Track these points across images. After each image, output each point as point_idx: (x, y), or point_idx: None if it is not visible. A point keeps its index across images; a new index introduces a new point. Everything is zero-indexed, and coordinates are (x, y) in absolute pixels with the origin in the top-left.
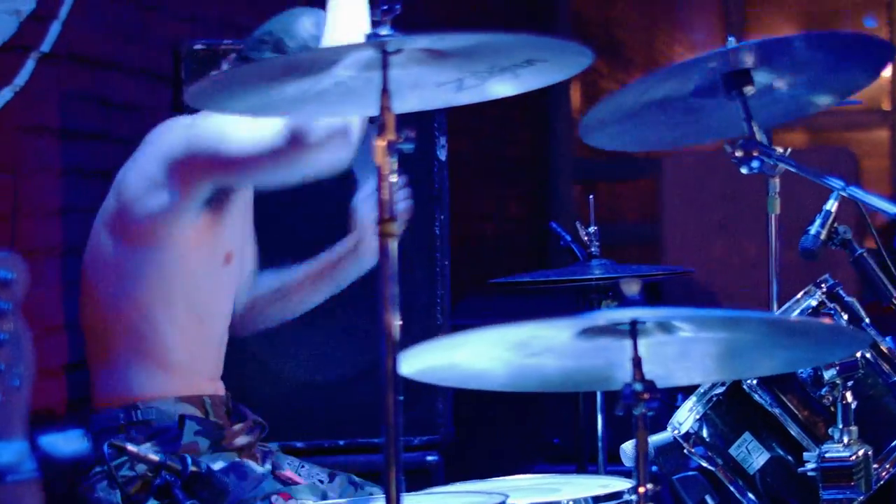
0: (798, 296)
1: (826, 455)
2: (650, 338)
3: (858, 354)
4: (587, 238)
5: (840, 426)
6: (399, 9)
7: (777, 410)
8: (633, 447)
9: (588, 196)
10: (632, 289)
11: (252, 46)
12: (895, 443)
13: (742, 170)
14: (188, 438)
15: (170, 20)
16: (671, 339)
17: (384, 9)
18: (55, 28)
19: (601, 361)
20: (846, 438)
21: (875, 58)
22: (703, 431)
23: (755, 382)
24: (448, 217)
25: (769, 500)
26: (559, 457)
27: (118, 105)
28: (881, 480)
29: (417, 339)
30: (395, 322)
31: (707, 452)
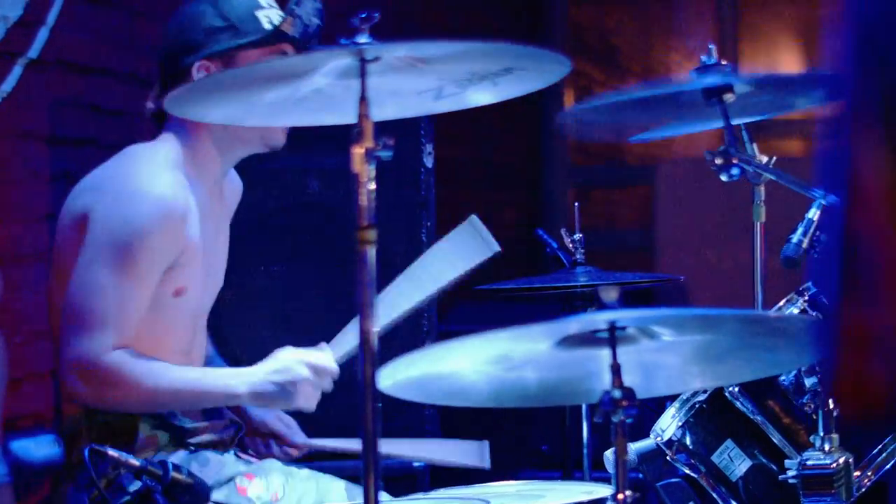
0: (780, 303)
1: (807, 462)
2: (630, 346)
3: None
4: (572, 245)
5: (821, 434)
6: (377, 17)
7: (759, 418)
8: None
9: (575, 203)
10: (610, 296)
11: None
12: (876, 451)
13: (722, 177)
14: (147, 432)
15: (158, 26)
16: (651, 347)
17: (363, 16)
18: (43, 34)
19: (582, 373)
20: (827, 446)
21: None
22: (686, 438)
23: (737, 390)
24: (435, 223)
25: None
26: (546, 464)
27: (106, 111)
28: (862, 488)
29: (403, 348)
30: (374, 329)
31: (690, 459)
